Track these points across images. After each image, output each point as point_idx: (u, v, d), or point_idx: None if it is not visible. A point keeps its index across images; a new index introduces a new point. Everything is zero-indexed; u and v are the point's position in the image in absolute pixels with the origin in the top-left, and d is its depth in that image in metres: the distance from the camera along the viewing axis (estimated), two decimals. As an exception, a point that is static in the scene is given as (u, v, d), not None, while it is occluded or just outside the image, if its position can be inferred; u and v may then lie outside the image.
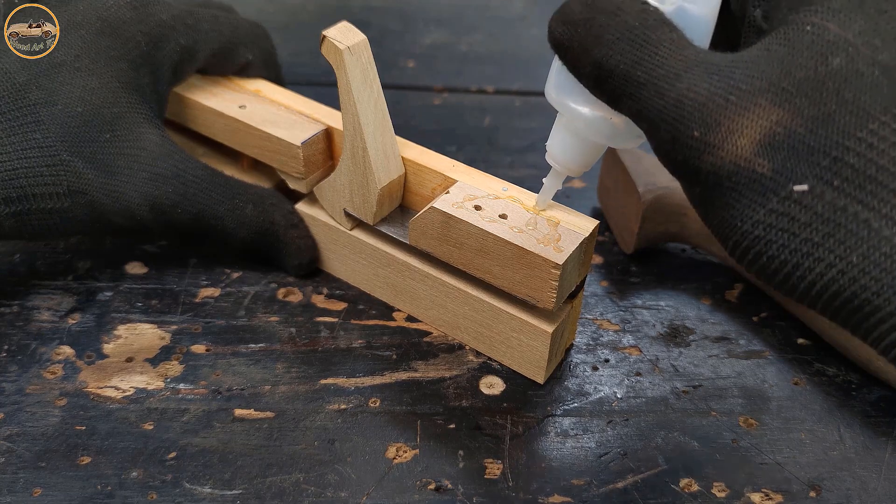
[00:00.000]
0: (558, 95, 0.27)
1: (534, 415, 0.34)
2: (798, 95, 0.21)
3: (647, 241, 0.41)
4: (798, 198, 0.21)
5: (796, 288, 0.22)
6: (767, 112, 0.21)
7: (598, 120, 0.27)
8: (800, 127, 0.21)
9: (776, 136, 0.21)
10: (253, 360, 0.36)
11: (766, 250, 0.22)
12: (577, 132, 0.28)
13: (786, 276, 0.22)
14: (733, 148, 0.21)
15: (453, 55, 0.62)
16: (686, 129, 0.22)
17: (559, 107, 0.28)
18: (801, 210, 0.21)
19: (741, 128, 0.21)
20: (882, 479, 0.32)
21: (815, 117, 0.21)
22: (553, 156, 0.30)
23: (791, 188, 0.21)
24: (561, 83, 0.27)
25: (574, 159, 0.29)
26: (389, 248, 0.37)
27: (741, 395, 0.35)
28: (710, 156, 0.22)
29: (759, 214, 0.21)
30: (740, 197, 0.22)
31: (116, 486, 0.30)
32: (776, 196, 0.21)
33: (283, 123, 0.38)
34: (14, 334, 0.36)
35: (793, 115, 0.21)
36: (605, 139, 0.28)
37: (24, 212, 0.33)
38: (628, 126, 0.26)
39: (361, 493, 0.30)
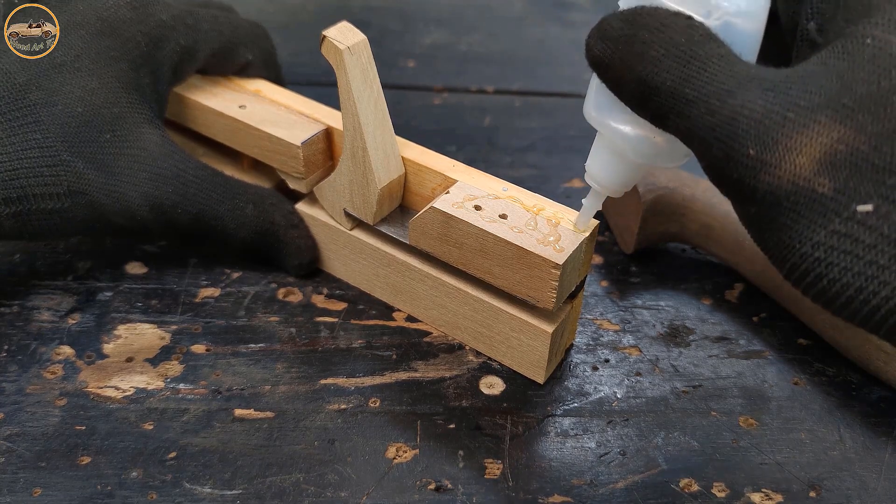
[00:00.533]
0: (599, 115, 0.27)
1: (534, 415, 0.34)
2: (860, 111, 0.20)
3: (647, 241, 0.41)
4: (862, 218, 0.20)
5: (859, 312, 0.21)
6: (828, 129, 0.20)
7: (640, 139, 0.26)
8: (863, 144, 0.20)
9: (838, 154, 0.20)
10: (253, 360, 0.36)
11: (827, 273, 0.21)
12: (618, 152, 0.27)
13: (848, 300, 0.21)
14: (792, 167, 0.20)
15: (453, 55, 0.62)
16: (741, 147, 0.21)
17: (600, 126, 0.27)
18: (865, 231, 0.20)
19: (800, 146, 0.20)
20: (882, 479, 0.32)
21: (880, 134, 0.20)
22: (593, 176, 0.29)
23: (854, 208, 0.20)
24: (601, 102, 0.26)
25: (615, 180, 0.29)
26: (389, 248, 0.37)
27: (741, 395, 0.35)
28: (767, 175, 0.21)
29: (820, 236, 0.20)
30: (799, 217, 0.21)
31: (116, 486, 0.30)
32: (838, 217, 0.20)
33: (283, 123, 0.38)
34: (14, 334, 0.36)
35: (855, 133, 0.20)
36: (647, 159, 0.27)
37: (24, 212, 0.33)
38: (671, 145, 0.26)
39: (361, 493, 0.30)
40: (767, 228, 0.22)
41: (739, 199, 0.23)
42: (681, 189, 0.40)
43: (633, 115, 0.24)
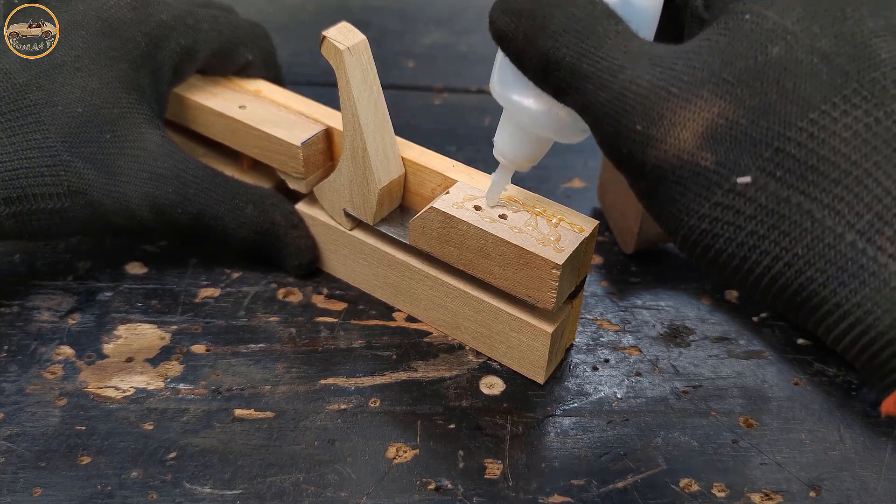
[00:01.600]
0: (502, 89, 0.27)
1: (534, 415, 0.34)
2: (739, 86, 0.21)
3: (647, 241, 0.41)
4: (742, 190, 0.20)
5: (745, 282, 0.21)
6: (709, 104, 0.21)
7: (543, 113, 0.26)
8: (742, 118, 0.20)
9: (718, 128, 0.21)
10: (253, 360, 0.36)
11: (714, 244, 0.21)
12: (523, 126, 0.28)
13: (734, 270, 0.21)
14: (676, 141, 0.21)
15: (453, 55, 0.62)
16: (629, 122, 0.22)
17: (503, 101, 0.28)
18: (745, 202, 0.21)
19: (683, 120, 0.21)
20: (882, 479, 0.32)
21: (757, 108, 0.20)
22: (500, 151, 0.30)
23: (734, 181, 0.20)
24: (504, 77, 0.27)
25: (521, 154, 0.29)
26: (389, 248, 0.37)
27: (741, 395, 0.35)
28: (653, 150, 0.21)
29: (705, 208, 0.21)
30: (685, 191, 0.21)
31: (116, 486, 0.30)
32: (720, 189, 0.21)
33: (283, 123, 0.38)
34: (14, 334, 0.36)
35: (734, 107, 0.21)
36: (551, 133, 0.27)
37: (24, 212, 0.33)
38: (574, 119, 0.26)
39: (361, 493, 0.30)
40: (657, 202, 0.22)
41: (630, 174, 0.23)
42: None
43: (535, 89, 0.25)
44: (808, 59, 0.20)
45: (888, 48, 0.21)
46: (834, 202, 0.20)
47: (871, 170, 0.19)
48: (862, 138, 0.20)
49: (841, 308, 0.20)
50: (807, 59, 0.20)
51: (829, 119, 0.20)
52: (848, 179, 0.20)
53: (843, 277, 0.20)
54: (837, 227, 0.20)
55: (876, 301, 0.19)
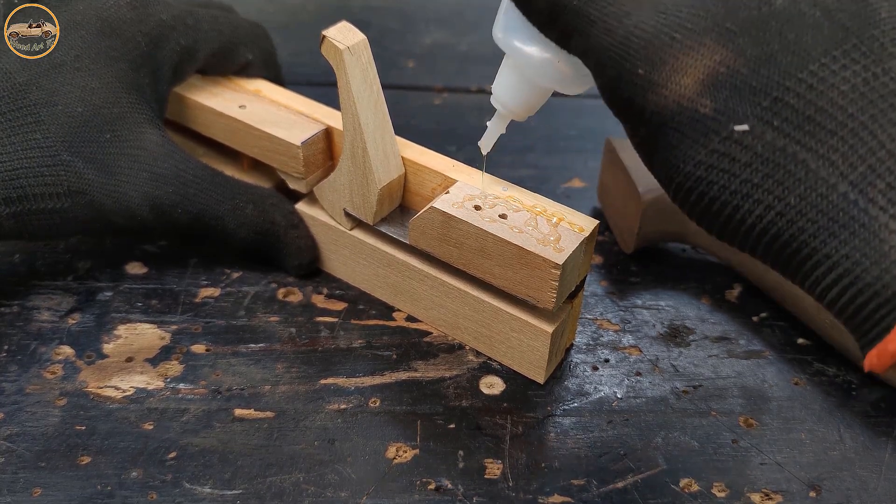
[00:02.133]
0: (505, 36, 0.27)
1: (534, 415, 0.34)
2: (741, 35, 0.21)
3: (647, 241, 0.41)
4: (739, 138, 0.21)
5: (737, 232, 0.22)
6: (711, 51, 0.21)
7: (545, 62, 0.27)
8: (742, 67, 0.21)
9: (719, 75, 0.21)
10: (253, 360, 0.36)
11: (708, 191, 0.21)
12: (524, 74, 0.28)
13: (727, 219, 0.22)
14: (677, 87, 0.21)
15: (453, 55, 0.62)
16: (632, 66, 0.22)
17: (506, 48, 0.28)
18: (741, 150, 0.21)
19: (685, 67, 0.21)
20: (882, 479, 0.32)
21: (758, 57, 0.21)
22: (498, 98, 0.30)
23: (732, 128, 0.21)
24: (509, 24, 0.27)
25: (519, 102, 0.29)
26: (389, 248, 0.37)
27: (741, 395, 0.35)
28: (654, 94, 0.22)
29: (701, 155, 0.21)
30: (683, 137, 0.22)
31: (116, 486, 0.30)
32: (718, 136, 0.21)
33: (283, 123, 0.38)
34: (14, 334, 0.36)
35: (736, 55, 0.21)
36: (551, 82, 0.27)
37: (24, 212, 0.33)
38: (575, 69, 0.26)
39: (361, 493, 0.30)
40: (655, 149, 0.23)
41: (630, 120, 0.23)
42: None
43: (539, 37, 0.25)
44: (810, 12, 0.21)
45: (888, 7, 0.21)
46: (829, 153, 0.20)
47: (866, 123, 0.20)
48: (859, 92, 0.20)
49: (829, 259, 0.20)
50: (810, 11, 0.21)
51: (829, 72, 0.20)
52: (843, 131, 0.20)
53: (833, 228, 0.20)
54: (831, 178, 0.20)
55: (865, 252, 0.19)
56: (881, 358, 0.19)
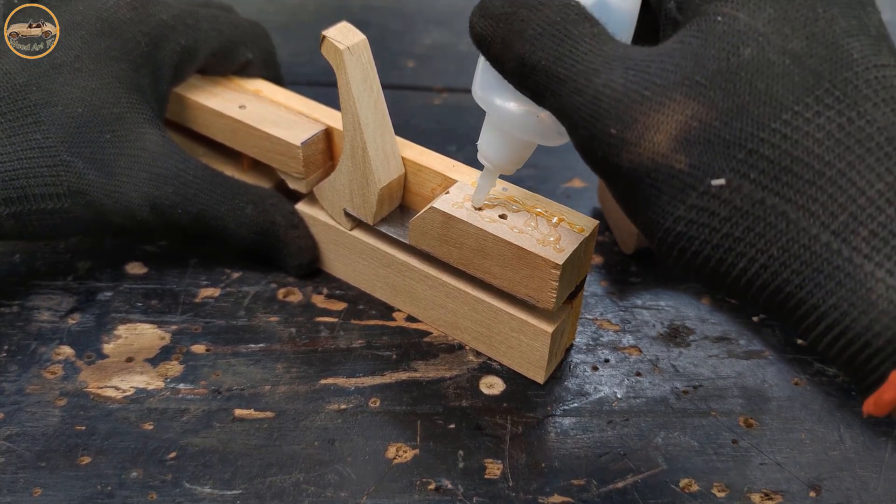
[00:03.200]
0: (483, 93, 0.27)
1: (534, 415, 0.34)
2: (711, 88, 0.21)
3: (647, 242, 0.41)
4: (716, 192, 0.20)
5: (723, 283, 0.21)
6: (682, 106, 0.21)
7: (524, 117, 0.26)
8: (715, 120, 0.20)
9: (692, 130, 0.21)
10: (253, 360, 0.36)
11: (689, 246, 0.21)
12: (505, 130, 0.28)
13: (712, 272, 0.21)
14: (650, 144, 0.21)
15: (453, 55, 0.62)
16: (603, 126, 0.22)
17: (485, 105, 0.28)
18: (720, 205, 0.20)
19: (657, 123, 0.21)
20: (882, 479, 0.32)
21: (730, 109, 0.20)
22: (484, 154, 0.30)
23: (709, 183, 0.20)
24: (486, 80, 0.27)
25: (505, 157, 0.29)
26: (389, 248, 0.37)
27: (741, 395, 0.35)
28: (628, 153, 0.21)
29: (680, 210, 0.21)
30: (660, 193, 0.21)
31: (116, 486, 0.30)
32: (695, 191, 0.21)
33: (283, 123, 0.38)
34: (14, 334, 0.36)
35: (707, 109, 0.21)
36: (532, 136, 0.27)
37: (24, 212, 0.33)
38: (555, 122, 0.26)
39: (361, 493, 0.30)
40: (634, 205, 0.22)
41: (607, 177, 0.23)
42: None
43: (516, 92, 0.25)
44: (779, 60, 0.20)
45: (860, 48, 0.21)
46: (808, 203, 0.20)
47: (844, 170, 0.19)
48: (835, 138, 0.20)
49: (818, 310, 0.20)
50: (779, 60, 0.20)
51: (802, 120, 0.20)
52: (822, 180, 0.20)
53: (818, 279, 0.20)
54: (812, 229, 0.20)
55: (852, 302, 0.19)
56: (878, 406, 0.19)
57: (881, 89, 0.20)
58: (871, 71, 0.20)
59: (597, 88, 0.22)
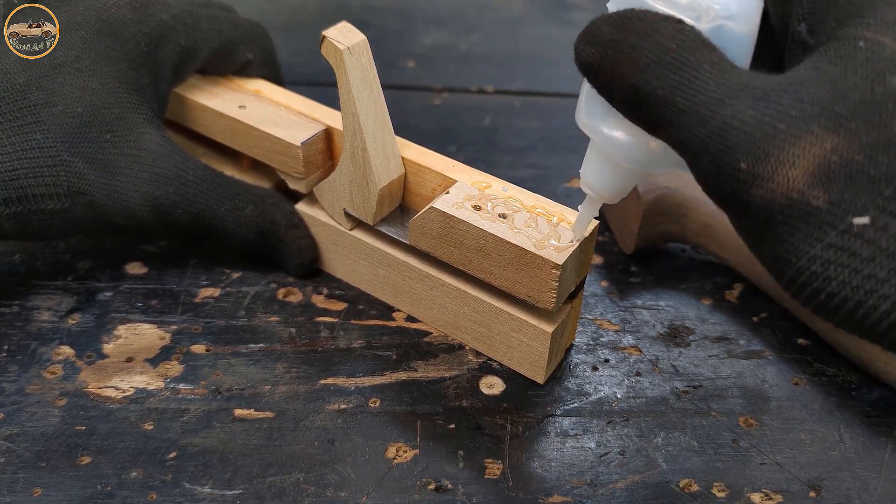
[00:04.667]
0: (590, 120, 0.26)
1: (534, 415, 0.34)
2: (854, 119, 0.19)
3: (647, 241, 0.41)
4: (859, 231, 0.19)
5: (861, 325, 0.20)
6: (821, 140, 0.19)
7: (633, 145, 0.25)
8: (857, 154, 0.19)
9: (832, 165, 0.19)
10: (253, 360, 0.36)
11: (826, 287, 0.20)
12: (612, 158, 0.27)
13: (849, 314, 0.20)
14: (784, 180, 0.20)
15: (453, 55, 0.62)
16: (732, 160, 0.20)
17: (591, 132, 0.26)
18: (862, 244, 0.19)
19: (792, 158, 0.20)
20: (882, 479, 0.32)
21: (875, 143, 0.19)
22: (587, 183, 0.28)
23: (851, 221, 0.19)
24: (592, 107, 0.26)
25: (610, 186, 0.28)
26: (389, 248, 0.37)
27: (741, 395, 0.35)
28: (759, 188, 0.20)
29: (816, 249, 0.20)
30: (795, 231, 0.20)
31: (116, 486, 0.30)
32: (834, 230, 0.19)
33: (283, 123, 0.38)
34: (14, 334, 0.36)
35: (849, 142, 0.19)
36: (641, 166, 0.26)
37: (24, 212, 0.33)
38: (665, 151, 0.25)
39: (361, 493, 0.30)
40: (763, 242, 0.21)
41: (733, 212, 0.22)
42: (681, 189, 0.40)
43: (625, 120, 0.24)
44: None
45: None
46: None
47: None
48: None
49: None
50: None
51: None
52: None
53: None
54: None
55: None
56: None
57: None
58: None
59: (723, 119, 0.20)
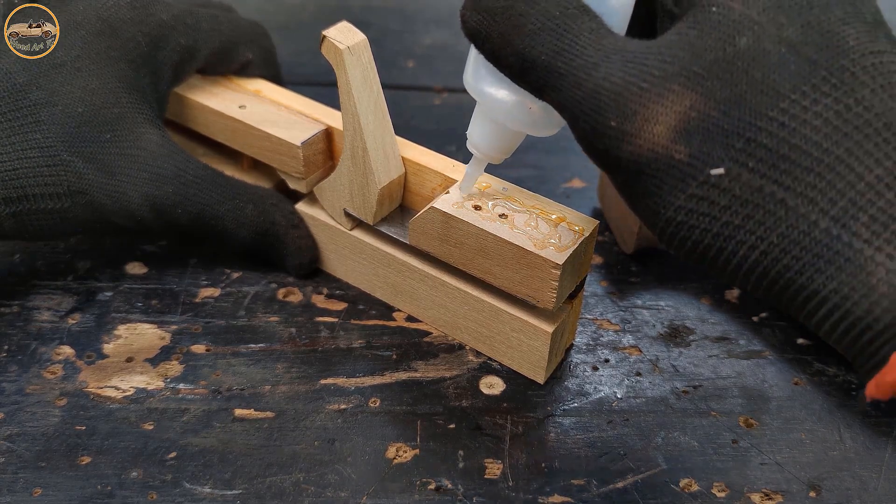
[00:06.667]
0: (476, 83, 0.27)
1: (534, 415, 0.34)
2: (709, 78, 0.21)
3: (647, 241, 0.41)
4: (716, 181, 0.21)
5: (724, 271, 0.22)
6: (681, 97, 0.21)
7: (515, 107, 0.27)
8: (713, 110, 0.21)
9: (691, 121, 0.21)
10: (253, 360, 0.36)
11: (691, 235, 0.22)
12: (496, 120, 0.28)
13: (713, 260, 0.22)
14: (650, 136, 0.21)
15: (453, 55, 0.62)
16: (604, 119, 0.22)
17: (477, 94, 0.28)
18: (719, 194, 0.21)
19: (656, 115, 0.21)
20: (882, 479, 0.32)
21: (727, 99, 0.21)
22: (473, 143, 0.30)
23: (708, 172, 0.21)
24: (478, 71, 0.27)
25: (494, 146, 0.30)
26: (389, 248, 0.37)
27: (741, 395, 0.35)
28: (628, 145, 0.22)
29: (680, 200, 0.21)
30: (661, 184, 0.22)
31: (116, 486, 0.30)
32: (695, 181, 0.21)
33: (283, 123, 0.38)
34: (14, 334, 0.36)
35: (706, 99, 0.21)
36: (523, 127, 0.28)
37: (24, 212, 0.33)
38: (547, 113, 0.26)
39: (361, 493, 0.30)
40: (635, 196, 0.23)
41: (609, 169, 0.23)
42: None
43: (508, 83, 0.25)
44: (775, 49, 0.21)
45: (855, 35, 0.21)
46: (807, 190, 0.20)
47: (843, 156, 0.20)
48: (833, 125, 0.20)
49: (819, 294, 0.20)
50: (774, 49, 0.21)
51: (799, 108, 0.20)
52: (820, 167, 0.20)
53: (818, 264, 0.20)
54: (811, 215, 0.20)
55: (853, 286, 0.19)
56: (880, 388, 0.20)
57: (878, 75, 0.20)
58: (868, 57, 0.20)
59: (596, 82, 0.22)
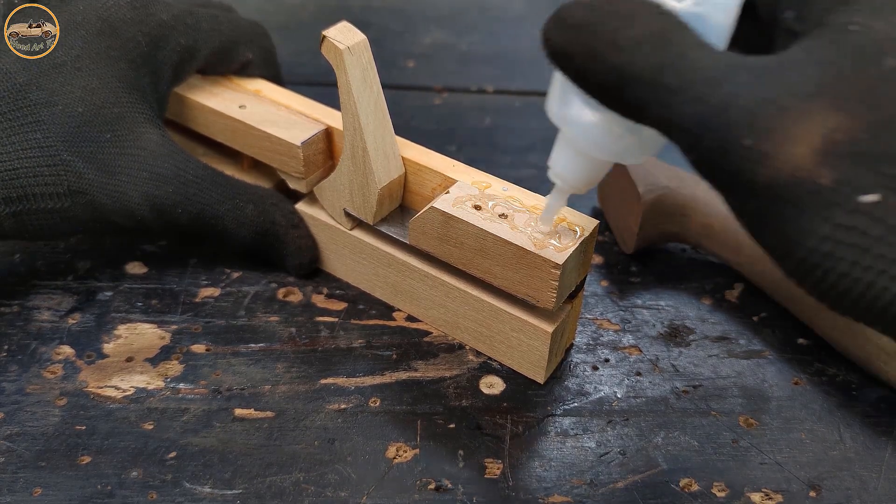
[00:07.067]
0: (560, 110, 0.26)
1: (534, 415, 0.34)
2: (853, 99, 0.19)
3: (647, 241, 0.41)
4: (867, 210, 0.19)
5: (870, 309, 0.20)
6: (824, 118, 0.19)
7: (604, 135, 0.25)
8: (861, 133, 0.19)
9: (836, 143, 0.19)
10: (253, 360, 0.36)
11: (835, 267, 0.19)
12: (582, 149, 0.26)
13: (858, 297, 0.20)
14: (791, 157, 0.19)
15: (453, 55, 0.62)
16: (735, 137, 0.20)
17: (561, 122, 0.26)
18: (871, 223, 0.19)
19: (798, 135, 0.19)
20: (882, 479, 0.32)
21: (876, 122, 0.19)
22: (557, 173, 0.28)
23: (858, 200, 0.19)
24: (562, 97, 0.25)
25: (579, 176, 0.28)
26: (389, 247, 0.37)
27: (741, 395, 0.35)
28: (764, 167, 0.20)
29: (825, 229, 0.19)
30: (802, 211, 0.19)
31: (116, 486, 0.30)
32: (842, 209, 0.19)
33: (283, 123, 0.38)
34: (14, 334, 0.36)
35: (851, 121, 0.19)
36: (612, 156, 0.26)
37: (24, 212, 0.33)
38: (638, 140, 0.25)
39: (361, 493, 0.30)
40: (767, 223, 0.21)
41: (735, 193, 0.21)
42: (681, 189, 0.40)
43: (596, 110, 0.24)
44: None
45: None
46: None
47: None
48: None
49: None
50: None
51: None
52: None
53: None
54: None
55: None
56: None
57: None
58: None
59: (723, 98, 0.20)
